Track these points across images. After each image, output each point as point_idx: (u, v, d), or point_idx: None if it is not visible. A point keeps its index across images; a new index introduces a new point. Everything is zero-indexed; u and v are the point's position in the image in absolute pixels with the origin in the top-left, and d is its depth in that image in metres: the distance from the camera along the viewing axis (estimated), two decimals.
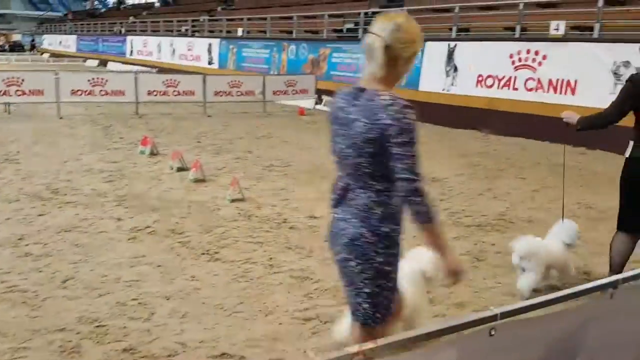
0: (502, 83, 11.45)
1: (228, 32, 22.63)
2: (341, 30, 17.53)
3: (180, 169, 7.44)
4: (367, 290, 2.19)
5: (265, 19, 20.44)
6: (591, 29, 10.45)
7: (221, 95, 13.74)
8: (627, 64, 9.26)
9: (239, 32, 21.53)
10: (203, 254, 4.60)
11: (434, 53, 12.88)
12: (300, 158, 8.60)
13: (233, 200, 6.09)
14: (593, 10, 10.41)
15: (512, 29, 11.90)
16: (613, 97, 3.78)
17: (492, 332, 1.32)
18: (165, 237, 4.97)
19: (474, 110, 11.68)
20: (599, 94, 9.20)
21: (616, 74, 9.41)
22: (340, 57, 15.76)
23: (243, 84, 14.03)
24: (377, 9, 17.11)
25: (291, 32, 18.97)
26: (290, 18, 19.04)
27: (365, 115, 2.07)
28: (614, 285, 1.56)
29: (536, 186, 7.10)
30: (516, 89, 11.17)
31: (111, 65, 27.88)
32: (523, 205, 6.26)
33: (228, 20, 23.51)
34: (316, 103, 14.96)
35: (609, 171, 7.82)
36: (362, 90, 2.14)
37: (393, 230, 2.17)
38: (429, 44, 13.13)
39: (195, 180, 6.92)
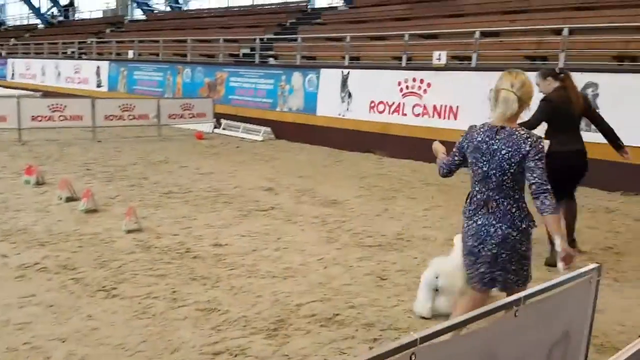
0: (392, 109, 12.02)
1: (118, 54, 21.81)
2: (237, 55, 17.54)
3: (69, 199, 6.99)
4: (513, 268, 2.99)
5: (157, 41, 19.94)
6: (469, 58, 11.32)
7: (112, 120, 13.15)
8: None
9: (130, 54, 20.82)
10: (99, 290, 4.34)
11: (329, 80, 13.26)
12: (201, 184, 8.42)
13: (129, 231, 5.81)
14: (471, 42, 11.29)
15: (400, 59, 12.59)
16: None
17: (413, 358, 1.38)
18: (56, 274, 4.63)
19: (368, 134, 12.15)
20: (478, 118, 9.85)
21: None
22: (238, 81, 15.72)
23: (136, 108, 13.49)
24: (271, 35, 17.38)
25: (185, 56, 18.65)
26: (184, 41, 18.74)
27: (508, 145, 2.88)
28: (517, 303, 1.71)
29: (427, 205, 7.50)
30: (405, 115, 11.78)
31: None
32: (417, 224, 6.58)
33: (118, 42, 22.65)
34: (215, 127, 14.77)
35: None
36: (502, 127, 2.93)
37: (529, 226, 2.96)
38: (324, 71, 13.51)
39: (87, 211, 6.53)
